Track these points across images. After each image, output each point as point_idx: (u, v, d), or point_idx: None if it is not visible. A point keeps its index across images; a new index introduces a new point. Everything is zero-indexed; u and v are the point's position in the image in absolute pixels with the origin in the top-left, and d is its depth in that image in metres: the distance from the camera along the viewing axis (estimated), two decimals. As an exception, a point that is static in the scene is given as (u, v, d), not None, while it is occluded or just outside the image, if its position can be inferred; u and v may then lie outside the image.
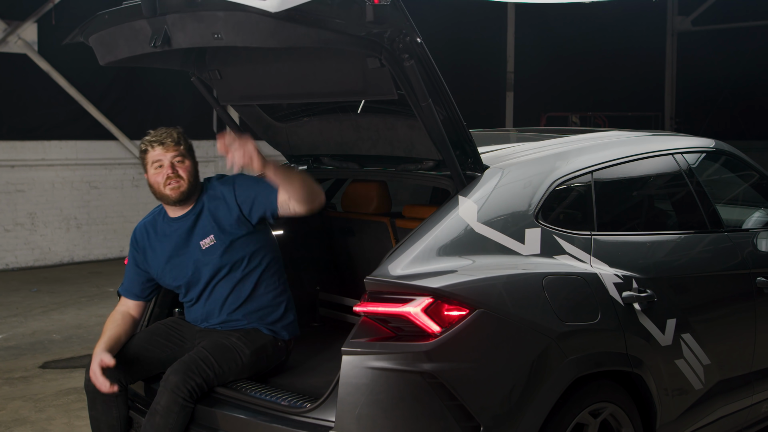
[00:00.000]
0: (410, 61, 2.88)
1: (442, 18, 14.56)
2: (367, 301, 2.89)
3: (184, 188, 3.52)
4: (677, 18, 18.59)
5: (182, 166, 3.55)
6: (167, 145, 3.54)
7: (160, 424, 3.20)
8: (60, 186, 10.66)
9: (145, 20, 3.09)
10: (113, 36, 3.38)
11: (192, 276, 3.57)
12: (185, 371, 3.25)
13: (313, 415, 2.97)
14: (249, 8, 2.68)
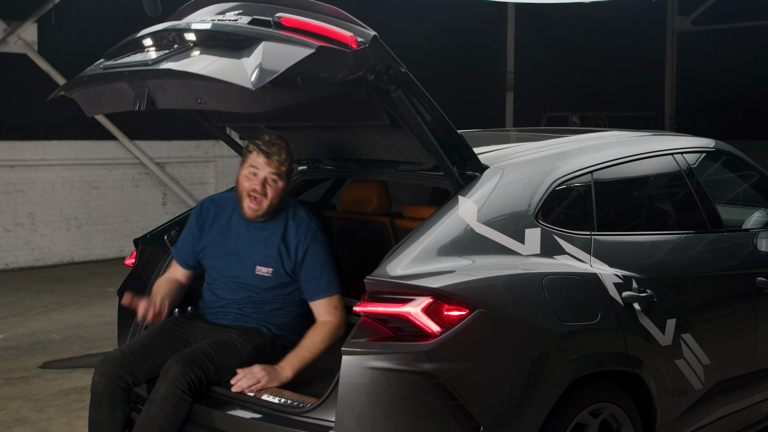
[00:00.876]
0: (397, 91, 2.92)
1: (441, 18, 14.56)
2: (367, 301, 2.89)
3: (263, 210, 3.52)
4: (677, 18, 18.59)
5: (273, 186, 3.51)
6: (271, 160, 3.48)
7: (156, 413, 3.21)
8: (60, 186, 10.66)
9: (125, 83, 3.12)
10: (97, 94, 3.41)
11: (231, 283, 3.60)
12: (186, 363, 3.25)
13: (313, 415, 2.97)
14: (229, 84, 2.72)
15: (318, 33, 2.81)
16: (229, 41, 2.91)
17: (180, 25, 3.14)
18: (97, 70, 3.27)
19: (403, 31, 14.23)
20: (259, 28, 2.89)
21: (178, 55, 2.98)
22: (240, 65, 2.73)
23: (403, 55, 10.34)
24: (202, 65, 2.85)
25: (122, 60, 3.19)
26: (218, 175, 12.04)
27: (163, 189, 11.60)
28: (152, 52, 3.11)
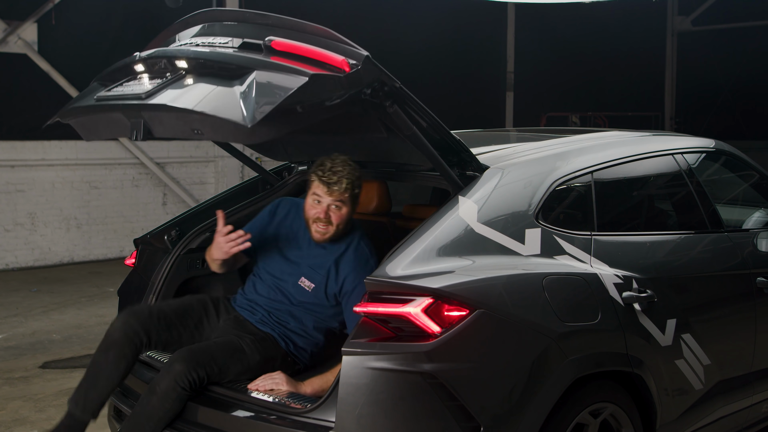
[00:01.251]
0: (393, 106, 2.93)
1: (442, 18, 14.56)
2: (367, 301, 2.89)
3: (330, 235, 3.50)
4: (677, 18, 18.60)
5: (337, 213, 3.49)
6: (332, 190, 3.45)
7: (155, 406, 3.22)
8: (60, 186, 10.66)
9: (121, 113, 3.14)
10: (93, 123, 3.44)
11: (273, 284, 3.60)
12: (191, 361, 3.26)
13: (313, 415, 2.97)
14: (224, 119, 2.74)
15: (310, 57, 2.84)
16: (222, 69, 2.92)
17: (171, 51, 3.14)
18: (90, 101, 3.27)
19: (403, 31, 14.24)
20: (251, 56, 2.91)
21: (172, 86, 2.98)
22: (234, 100, 2.75)
23: (403, 55, 10.48)
24: (196, 100, 2.86)
25: (115, 90, 3.20)
26: (218, 175, 12.04)
27: (163, 189, 11.60)
28: (145, 81, 3.11)
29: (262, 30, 3.03)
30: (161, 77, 3.07)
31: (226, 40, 3.10)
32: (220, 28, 3.23)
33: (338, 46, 2.85)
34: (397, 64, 14.23)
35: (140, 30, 11.27)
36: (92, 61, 10.84)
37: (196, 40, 3.22)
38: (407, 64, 14.34)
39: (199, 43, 3.17)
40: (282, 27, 3.02)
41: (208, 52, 3.02)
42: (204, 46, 3.13)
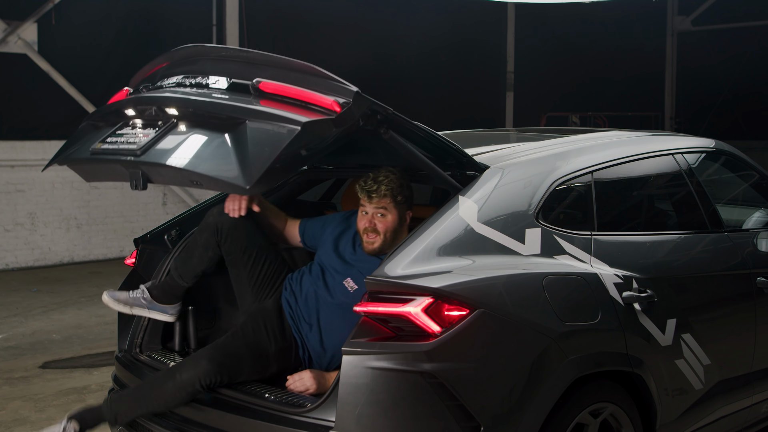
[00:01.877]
0: (388, 132, 2.94)
1: (442, 18, 14.56)
2: (367, 301, 2.89)
3: (378, 245, 3.48)
4: (677, 18, 18.60)
5: (382, 221, 3.48)
6: (372, 198, 3.47)
7: (169, 391, 3.28)
8: (60, 186, 10.66)
9: (118, 165, 3.17)
10: (92, 169, 3.48)
11: (320, 274, 3.61)
12: (218, 365, 3.29)
13: (313, 415, 2.97)
14: (221, 182, 2.81)
15: (299, 99, 2.86)
16: (213, 118, 2.94)
17: (161, 98, 3.15)
18: (85, 154, 3.29)
19: (403, 31, 14.24)
20: (241, 104, 2.91)
21: (165, 139, 3.00)
22: (230, 159, 2.78)
23: (403, 55, 10.47)
24: (191, 159, 2.89)
25: (109, 141, 3.21)
26: (218, 175, 12.03)
27: (163, 189, 11.60)
28: (138, 132, 3.13)
29: (248, 68, 3.06)
30: (153, 125, 3.10)
31: (214, 80, 3.12)
32: (206, 64, 3.25)
33: (327, 83, 2.87)
34: (397, 65, 14.33)
35: (140, 30, 11.28)
36: (92, 61, 10.87)
37: (183, 79, 3.23)
38: (407, 64, 14.35)
39: (188, 84, 3.20)
40: (268, 65, 3.04)
41: (197, 101, 3.03)
42: (192, 87, 3.16)
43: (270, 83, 2.93)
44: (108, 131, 3.28)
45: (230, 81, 3.07)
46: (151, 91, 3.32)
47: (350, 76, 9.77)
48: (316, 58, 14.55)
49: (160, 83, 3.33)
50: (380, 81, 14.16)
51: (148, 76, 3.46)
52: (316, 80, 2.90)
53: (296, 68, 2.97)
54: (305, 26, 13.01)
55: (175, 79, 3.27)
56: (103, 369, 6.01)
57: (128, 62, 11.14)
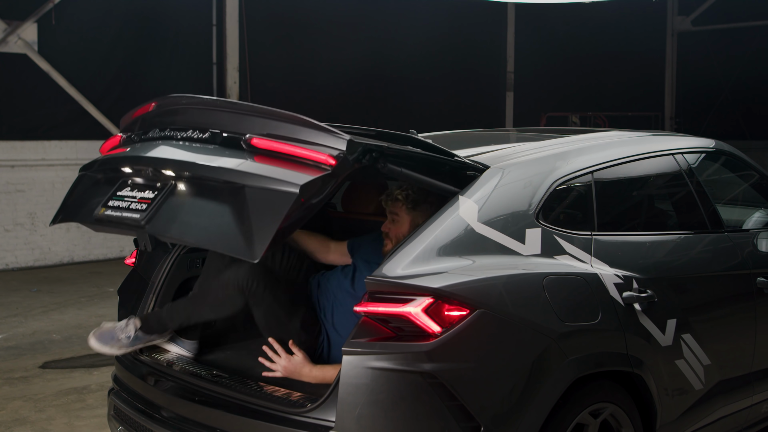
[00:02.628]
0: (385, 166, 2.96)
1: (442, 18, 14.56)
2: (367, 301, 2.89)
3: (388, 249, 3.53)
4: (677, 18, 18.59)
5: (393, 226, 3.56)
6: (387, 203, 3.58)
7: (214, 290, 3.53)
8: (60, 186, 10.66)
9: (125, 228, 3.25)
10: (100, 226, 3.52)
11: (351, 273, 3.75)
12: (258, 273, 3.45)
13: (313, 415, 2.96)
14: (230, 253, 2.88)
15: (292, 156, 2.87)
16: (211, 180, 2.97)
17: (156, 159, 3.18)
18: (89, 217, 3.33)
19: (403, 31, 14.24)
20: (236, 168, 2.92)
21: (166, 208, 3.04)
22: (233, 231, 2.82)
23: (403, 55, 10.46)
24: (196, 231, 2.95)
25: (112, 205, 3.25)
26: (218, 175, 12.04)
27: (163, 189, 11.59)
28: (138, 196, 3.17)
29: (238, 121, 3.08)
30: (152, 188, 3.14)
31: (205, 134, 3.14)
32: (195, 115, 3.28)
33: (317, 134, 2.88)
34: (397, 64, 14.33)
35: (140, 30, 11.28)
36: (92, 61, 10.87)
37: (174, 132, 3.26)
38: (407, 64, 14.35)
39: (179, 137, 3.22)
40: (257, 116, 3.06)
41: (194, 164, 3.05)
42: (184, 141, 3.18)
43: (261, 140, 2.95)
44: (108, 192, 3.31)
45: (222, 136, 3.09)
46: (144, 141, 3.36)
47: (350, 76, 9.90)
48: (316, 57, 14.61)
49: (151, 133, 3.36)
50: (380, 81, 14.17)
51: (138, 120, 3.49)
52: (307, 131, 2.91)
53: (286, 119, 2.99)
54: (305, 26, 13.01)
55: (166, 131, 3.30)
56: (103, 369, 6.01)
57: (128, 62, 11.16)
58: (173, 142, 3.23)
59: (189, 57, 11.90)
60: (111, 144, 3.57)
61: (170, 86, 11.62)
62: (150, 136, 3.36)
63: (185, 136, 3.20)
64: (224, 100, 3.36)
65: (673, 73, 18.93)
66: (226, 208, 2.89)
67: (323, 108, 13.49)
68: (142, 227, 3.06)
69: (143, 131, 3.41)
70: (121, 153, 3.41)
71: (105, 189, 3.35)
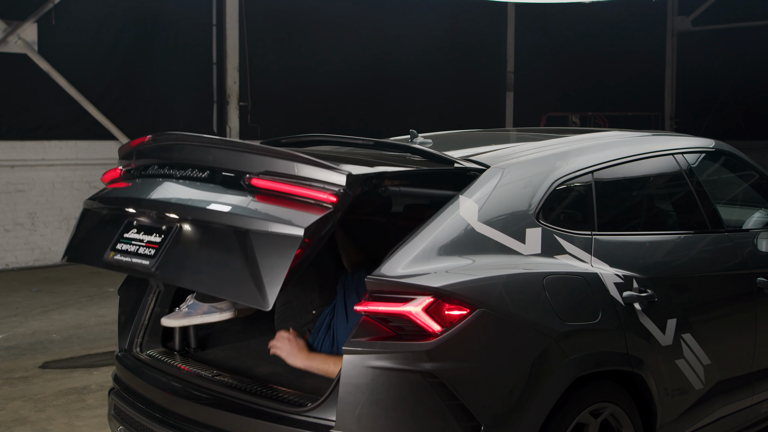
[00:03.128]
0: (386, 190, 2.99)
1: (442, 18, 14.57)
2: (367, 300, 2.89)
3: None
4: (677, 18, 18.59)
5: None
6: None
7: None
8: (60, 186, 10.66)
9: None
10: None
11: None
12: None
13: (313, 415, 2.96)
14: (243, 302, 2.89)
15: (293, 195, 2.88)
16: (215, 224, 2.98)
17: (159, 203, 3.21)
18: (100, 262, 3.36)
19: (403, 31, 14.24)
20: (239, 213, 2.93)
21: (174, 254, 3.05)
22: (244, 278, 2.81)
23: (403, 55, 10.46)
24: (206, 280, 2.97)
25: (119, 251, 3.26)
26: (218, 175, 12.04)
27: (163, 189, 11.59)
28: (145, 239, 3.19)
29: (237, 159, 3.09)
30: (158, 231, 3.16)
31: (205, 173, 3.15)
32: (194, 153, 3.28)
33: (317, 170, 2.87)
34: (397, 65, 14.33)
35: (140, 30, 11.28)
36: (92, 61, 10.87)
37: (173, 170, 3.28)
38: (407, 64, 14.35)
39: (178, 176, 3.24)
40: (254, 153, 3.06)
41: (197, 208, 3.06)
42: (185, 180, 3.20)
43: (261, 180, 2.95)
44: (115, 234, 3.32)
45: (221, 175, 3.11)
46: (144, 178, 3.39)
47: (350, 76, 9.92)
48: (316, 57, 14.60)
49: (151, 170, 3.39)
50: (380, 81, 14.17)
51: (136, 151, 3.52)
52: (305, 167, 2.91)
53: (282, 156, 2.98)
54: (305, 26, 13.01)
55: (165, 169, 3.32)
56: (103, 369, 6.01)
57: (128, 62, 11.16)
58: (173, 181, 3.25)
59: (189, 57, 11.90)
60: (112, 175, 3.61)
61: (170, 86, 11.62)
62: (149, 172, 3.39)
63: (185, 174, 3.22)
64: (221, 138, 3.33)
65: (673, 73, 18.93)
66: (233, 254, 2.89)
67: (323, 108, 13.50)
68: (153, 273, 3.08)
69: (142, 166, 3.45)
70: (124, 190, 3.44)
71: (111, 229, 3.38)
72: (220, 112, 12.19)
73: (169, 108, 11.63)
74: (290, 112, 13.08)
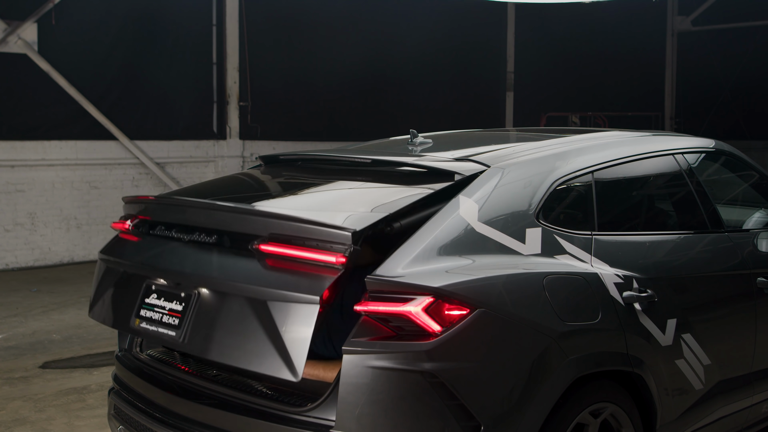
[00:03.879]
0: (392, 230, 3.01)
1: (442, 18, 14.57)
2: (367, 300, 2.89)
3: None
4: (677, 18, 18.60)
5: None
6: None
7: None
8: (60, 186, 10.66)
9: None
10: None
11: None
12: None
13: (313, 414, 2.96)
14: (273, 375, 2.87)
15: (302, 259, 2.88)
16: (230, 293, 3.00)
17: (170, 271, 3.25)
18: (126, 328, 3.40)
19: (403, 31, 14.24)
20: (253, 283, 2.94)
21: (198, 325, 3.08)
22: (269, 351, 2.84)
23: (403, 55, 10.45)
24: (233, 354, 2.97)
25: (144, 318, 3.30)
26: (218, 175, 12.04)
27: (163, 189, 11.59)
28: (167, 307, 3.22)
29: (241, 222, 3.11)
30: (177, 299, 3.19)
31: (212, 238, 3.16)
32: (197, 215, 3.29)
33: (321, 230, 2.87)
34: (397, 65, 14.34)
35: (140, 30, 11.28)
36: (92, 61, 10.87)
37: (181, 234, 3.29)
38: (407, 64, 14.35)
39: (187, 240, 3.25)
40: (258, 216, 3.08)
41: (210, 277, 3.10)
42: (194, 246, 3.21)
43: (269, 246, 2.95)
44: (136, 299, 3.36)
45: (230, 240, 3.13)
46: (153, 238, 3.42)
47: (350, 76, 9.92)
48: (316, 57, 14.60)
49: (158, 230, 3.42)
50: (380, 81, 14.17)
51: (142, 206, 3.55)
52: (311, 228, 2.90)
53: (287, 219, 2.98)
54: (305, 26, 13.01)
55: (173, 232, 3.34)
56: (103, 369, 6.02)
57: (128, 62, 11.17)
58: (183, 244, 3.27)
59: (189, 57, 11.90)
60: (121, 227, 3.64)
61: (170, 86, 11.63)
62: (157, 233, 3.42)
63: (193, 239, 3.23)
64: (224, 204, 3.31)
65: (673, 73, 18.93)
66: (254, 325, 2.91)
67: (323, 108, 13.50)
68: (183, 347, 3.12)
69: (149, 225, 3.48)
70: (136, 249, 3.48)
71: (131, 291, 3.41)
72: (220, 112, 12.19)
73: (169, 108, 11.64)
74: (290, 112, 13.08)
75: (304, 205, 3.43)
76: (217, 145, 12.03)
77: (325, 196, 3.56)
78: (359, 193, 3.43)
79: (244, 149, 12.27)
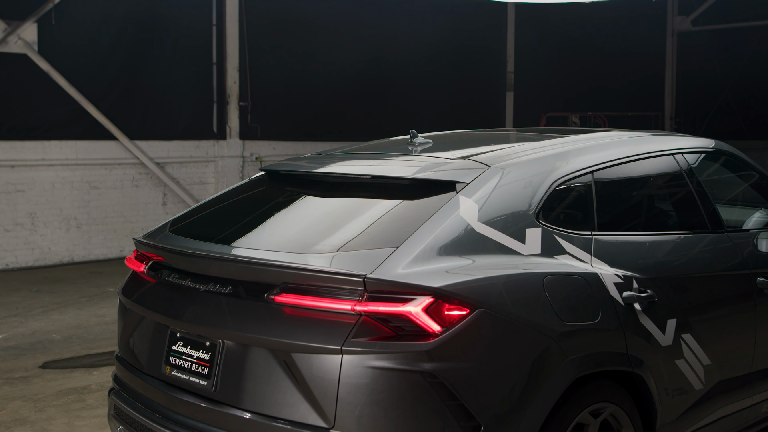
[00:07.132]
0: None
1: (442, 18, 14.57)
2: (367, 300, 2.89)
3: None
4: (677, 18, 18.60)
5: None
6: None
7: None
8: (60, 186, 10.66)
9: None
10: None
11: None
12: None
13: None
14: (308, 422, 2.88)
15: (318, 308, 2.88)
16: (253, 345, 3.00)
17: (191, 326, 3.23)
18: (158, 374, 3.39)
19: (404, 31, 14.24)
20: (274, 336, 2.93)
21: (228, 376, 3.08)
22: (302, 403, 2.86)
23: (403, 55, 10.49)
24: (265, 401, 2.97)
25: (174, 365, 3.31)
26: (218, 175, 12.05)
27: (163, 189, 11.60)
28: (193, 356, 3.23)
29: (253, 273, 3.08)
30: (203, 348, 3.19)
31: (227, 289, 3.14)
32: (207, 264, 3.27)
33: (331, 277, 2.87)
34: (398, 65, 14.34)
35: (140, 30, 11.28)
36: (92, 61, 10.88)
37: (195, 284, 3.27)
38: (407, 64, 14.35)
39: (202, 290, 3.22)
40: (269, 267, 3.03)
41: (231, 333, 3.07)
42: (209, 296, 3.19)
43: (284, 297, 2.95)
44: (163, 346, 3.36)
45: (245, 291, 3.11)
46: (167, 285, 3.42)
47: (350, 76, 9.96)
48: (316, 58, 14.60)
49: (172, 278, 3.41)
50: (380, 81, 14.17)
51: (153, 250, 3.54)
52: (323, 277, 2.89)
53: (296, 268, 2.96)
54: (305, 26, 13.01)
55: (186, 282, 3.32)
56: (103, 369, 6.02)
57: (128, 62, 11.17)
58: (200, 294, 3.23)
59: (189, 57, 11.90)
60: (135, 266, 3.65)
61: (170, 86, 11.62)
62: (171, 281, 3.41)
63: (209, 289, 3.21)
64: (232, 256, 3.25)
65: (673, 73, 18.93)
66: (281, 375, 2.92)
67: (323, 108, 13.50)
68: (215, 395, 3.12)
69: (165, 269, 3.47)
70: (154, 294, 3.48)
71: (158, 338, 3.40)
72: (220, 112, 12.19)
73: (169, 108, 11.64)
74: (290, 112, 13.08)
75: (310, 240, 3.29)
76: (217, 145, 12.03)
77: (329, 223, 3.42)
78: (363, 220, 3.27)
79: (244, 149, 12.27)
